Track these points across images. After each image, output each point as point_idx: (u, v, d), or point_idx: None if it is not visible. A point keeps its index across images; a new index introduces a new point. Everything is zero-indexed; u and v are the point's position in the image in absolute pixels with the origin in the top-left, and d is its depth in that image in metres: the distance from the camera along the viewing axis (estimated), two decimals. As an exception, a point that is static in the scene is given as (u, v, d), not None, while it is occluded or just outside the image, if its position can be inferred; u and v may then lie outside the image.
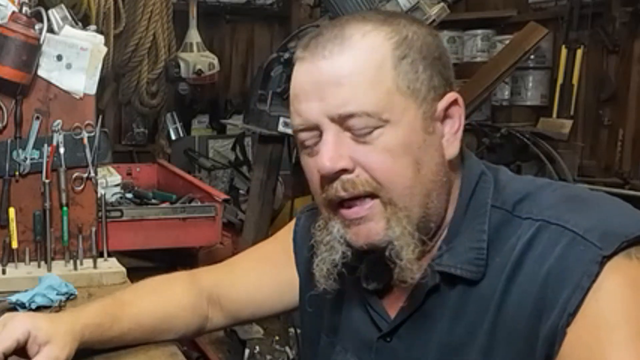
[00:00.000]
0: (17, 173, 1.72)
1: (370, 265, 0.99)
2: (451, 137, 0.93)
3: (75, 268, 1.69)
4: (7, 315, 1.10)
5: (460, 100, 0.93)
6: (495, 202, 0.94)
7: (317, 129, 0.90)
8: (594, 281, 0.82)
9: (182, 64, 3.77)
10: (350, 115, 0.87)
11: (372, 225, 0.91)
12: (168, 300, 1.21)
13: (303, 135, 0.93)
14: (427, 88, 0.90)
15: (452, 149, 0.93)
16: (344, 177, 0.89)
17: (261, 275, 1.23)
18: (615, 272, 0.83)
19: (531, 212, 0.90)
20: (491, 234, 0.92)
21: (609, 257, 0.83)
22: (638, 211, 0.90)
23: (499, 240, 0.91)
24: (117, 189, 2.40)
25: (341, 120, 0.88)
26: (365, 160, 0.88)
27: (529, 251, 0.88)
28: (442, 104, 0.91)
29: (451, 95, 0.92)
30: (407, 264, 0.90)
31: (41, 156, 1.72)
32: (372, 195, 0.90)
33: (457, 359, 0.93)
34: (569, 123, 4.08)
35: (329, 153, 0.88)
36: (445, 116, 0.92)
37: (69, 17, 1.80)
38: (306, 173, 0.96)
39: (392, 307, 1.00)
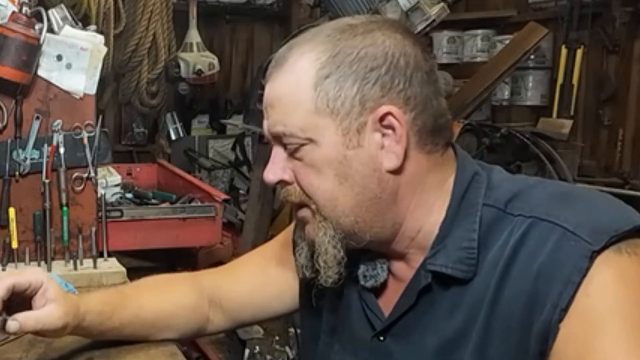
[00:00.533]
0: (17, 173, 1.72)
1: (367, 263, 1.01)
2: (393, 147, 0.93)
3: (75, 268, 1.69)
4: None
5: (396, 112, 0.91)
6: (487, 200, 0.94)
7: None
8: (584, 276, 0.83)
9: (182, 64, 3.78)
10: (279, 135, 0.96)
11: (309, 226, 0.99)
12: (169, 298, 1.22)
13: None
14: (351, 104, 0.92)
15: (392, 160, 0.93)
16: (285, 187, 0.99)
17: (262, 278, 1.23)
18: (605, 267, 0.83)
19: (523, 209, 0.91)
20: (483, 232, 0.93)
21: (598, 252, 0.83)
22: (628, 207, 0.91)
23: (491, 238, 0.92)
24: (117, 189, 2.40)
25: (276, 139, 0.97)
26: (297, 174, 0.97)
27: (521, 248, 0.89)
28: (373, 117, 0.92)
29: (383, 109, 0.91)
30: (324, 268, 0.97)
31: (41, 156, 1.72)
32: (305, 204, 0.98)
33: (451, 357, 0.94)
34: (569, 123, 4.08)
35: (270, 166, 0.98)
36: (384, 127, 0.92)
37: (69, 17, 1.80)
38: None
39: (387, 305, 1.00)
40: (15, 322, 1.00)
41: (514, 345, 0.88)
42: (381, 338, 1.00)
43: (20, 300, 1.04)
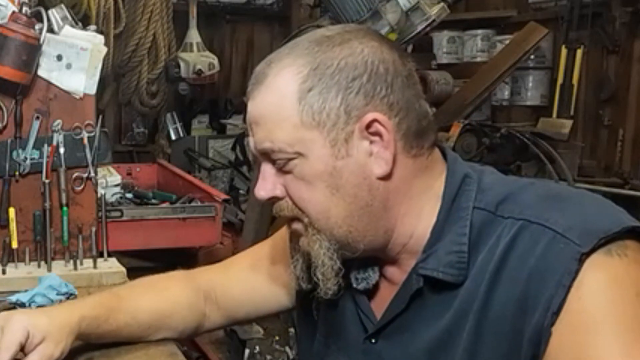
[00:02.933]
0: (17, 173, 1.72)
1: (359, 266, 1.01)
2: (382, 154, 0.93)
3: (75, 268, 1.69)
4: (3, 315, 1.10)
5: (382, 118, 0.92)
6: (478, 203, 0.94)
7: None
8: (574, 279, 0.83)
9: (182, 64, 3.77)
10: (267, 151, 0.95)
11: (303, 238, 0.99)
12: (165, 297, 1.22)
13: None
14: (337, 115, 0.92)
15: (380, 167, 0.93)
16: (277, 203, 0.99)
17: (257, 275, 1.23)
18: (595, 269, 0.83)
19: (513, 211, 0.91)
20: (474, 236, 0.93)
21: (588, 254, 0.83)
22: (618, 208, 0.91)
23: (481, 241, 0.92)
24: (117, 189, 2.40)
25: (264, 155, 0.97)
26: (288, 189, 0.97)
27: (512, 251, 0.89)
28: (359, 125, 0.92)
29: (369, 117, 0.92)
30: (323, 281, 0.97)
31: (41, 156, 1.72)
32: (297, 218, 0.98)
33: (440, 359, 0.94)
34: (569, 123, 4.08)
35: (261, 183, 0.98)
36: (371, 134, 0.93)
37: (69, 17, 1.80)
38: None
39: (379, 308, 1.01)
40: None
41: (505, 349, 0.88)
42: (373, 340, 1.01)
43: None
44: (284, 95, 0.93)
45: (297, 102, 0.92)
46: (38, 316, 1.09)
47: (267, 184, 0.98)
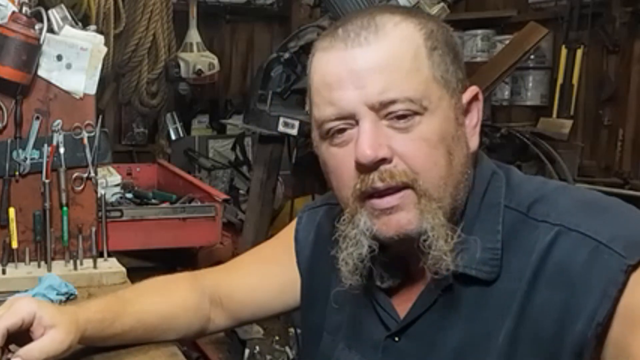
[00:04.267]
0: (17, 173, 1.72)
1: (385, 263, 0.97)
2: (472, 130, 0.94)
3: (75, 268, 1.69)
4: (13, 297, 1.10)
5: (480, 95, 0.94)
6: (509, 202, 0.93)
7: (352, 117, 0.89)
8: (621, 290, 0.82)
9: (182, 64, 3.77)
10: (392, 102, 0.86)
11: (404, 214, 0.89)
12: (170, 300, 1.21)
13: (333, 125, 0.91)
14: (456, 80, 0.91)
15: (473, 142, 0.93)
16: (382, 167, 0.87)
17: (262, 276, 1.23)
18: None
19: (548, 215, 0.89)
20: (505, 235, 0.91)
21: (635, 267, 0.82)
22: None
23: (515, 242, 0.91)
24: (117, 189, 2.40)
25: (381, 108, 0.87)
26: (404, 149, 0.87)
27: (549, 257, 0.87)
28: (466, 97, 0.93)
29: (474, 89, 0.93)
30: (443, 255, 0.88)
31: (41, 156, 1.72)
32: (407, 186, 0.88)
33: None
34: (569, 123, 4.08)
35: (369, 141, 0.86)
36: (467, 110, 0.93)
37: (69, 17, 1.80)
38: (330, 166, 0.94)
39: (402, 306, 0.98)
40: (18, 359, 0.98)
41: (543, 355, 0.87)
42: (396, 339, 0.98)
43: (18, 334, 1.02)
44: (414, 46, 0.88)
45: (427, 57, 0.88)
46: (47, 305, 1.08)
47: (378, 142, 0.86)
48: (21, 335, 1.02)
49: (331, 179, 0.95)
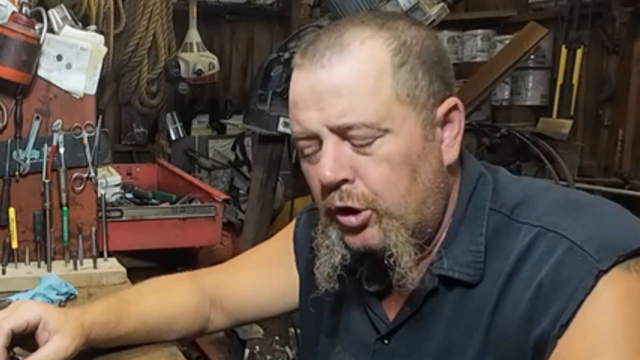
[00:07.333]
0: (17, 173, 1.72)
1: (371, 267, 0.99)
2: (451, 141, 0.92)
3: (75, 268, 1.69)
4: (18, 300, 1.09)
5: (460, 105, 0.92)
6: (493, 205, 0.93)
7: (316, 137, 0.89)
8: (588, 294, 0.81)
9: (182, 64, 3.77)
10: (349, 127, 0.86)
11: (368, 230, 0.90)
12: (172, 300, 1.21)
13: (302, 144, 0.92)
14: (427, 94, 0.89)
15: (451, 153, 0.92)
16: (344, 186, 0.89)
17: (262, 276, 1.23)
18: (612, 286, 0.82)
19: (529, 217, 0.90)
20: (489, 237, 0.91)
21: (605, 271, 0.81)
22: (636, 219, 0.89)
23: (497, 244, 0.91)
24: (117, 189, 2.39)
25: (340, 131, 0.87)
26: (364, 171, 0.88)
27: (527, 257, 0.87)
28: (441, 110, 0.90)
29: (451, 100, 0.91)
30: (407, 271, 0.90)
31: (41, 156, 1.72)
32: (368, 207, 0.89)
33: None
34: (569, 123, 4.08)
35: (330, 163, 0.87)
36: (446, 121, 0.92)
37: (69, 17, 1.80)
38: (307, 179, 0.96)
39: (391, 309, 1.00)
40: None
41: (509, 353, 0.87)
42: (385, 341, 0.99)
43: (23, 337, 1.02)
44: (378, 66, 0.87)
45: (391, 76, 0.87)
46: (53, 308, 1.08)
47: (338, 165, 0.87)
48: (26, 338, 1.02)
49: (310, 190, 0.97)
